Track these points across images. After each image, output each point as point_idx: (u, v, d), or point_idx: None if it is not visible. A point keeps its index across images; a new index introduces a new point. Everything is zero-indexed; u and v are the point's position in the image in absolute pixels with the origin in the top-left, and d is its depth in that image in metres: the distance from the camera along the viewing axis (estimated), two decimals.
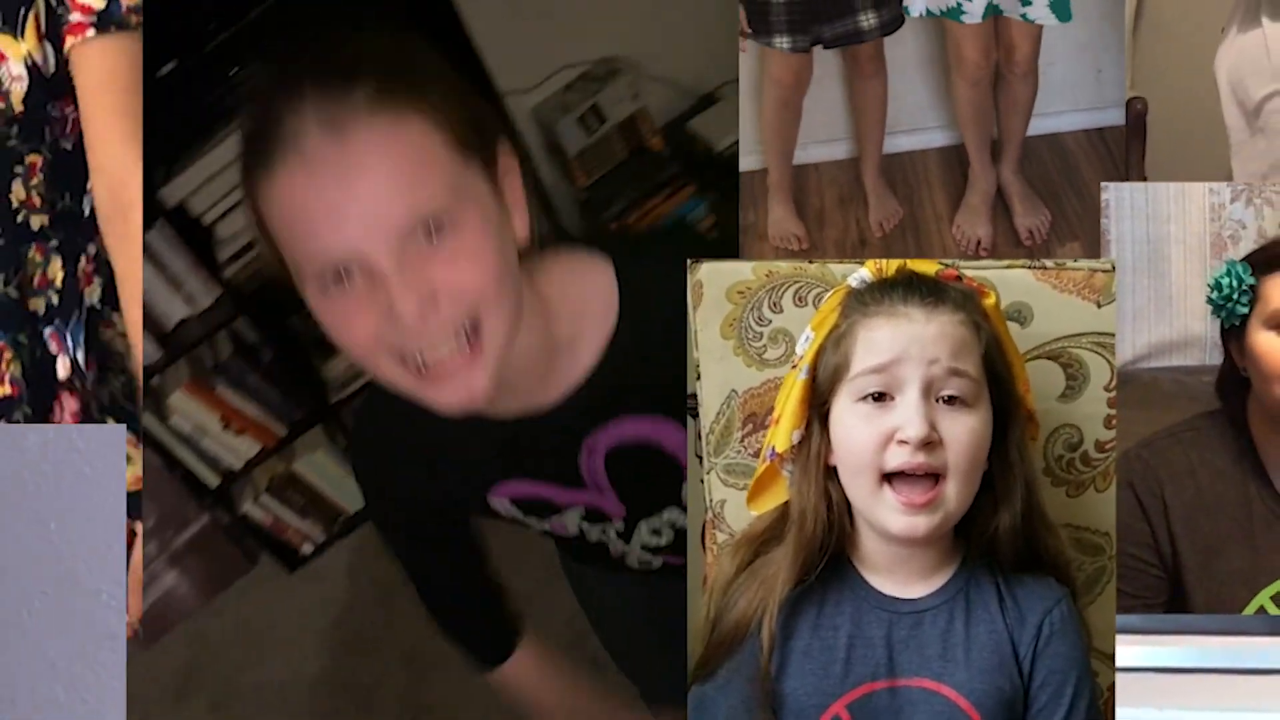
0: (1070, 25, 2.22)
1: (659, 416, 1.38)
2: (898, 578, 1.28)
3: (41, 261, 1.61)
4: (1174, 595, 1.65)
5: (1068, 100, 2.39)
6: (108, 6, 1.53)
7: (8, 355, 1.59)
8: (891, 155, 2.36)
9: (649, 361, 1.35)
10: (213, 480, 3.29)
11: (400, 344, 1.15)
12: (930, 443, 1.20)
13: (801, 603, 1.27)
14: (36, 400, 1.61)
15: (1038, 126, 2.33)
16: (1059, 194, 2.31)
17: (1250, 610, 1.62)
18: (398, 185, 1.10)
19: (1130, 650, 1.54)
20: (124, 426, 1.48)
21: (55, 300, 1.62)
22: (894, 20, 2.15)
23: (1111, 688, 1.49)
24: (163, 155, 2.48)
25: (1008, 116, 2.28)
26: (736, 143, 2.70)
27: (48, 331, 1.62)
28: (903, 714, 1.25)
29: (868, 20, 2.12)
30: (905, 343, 1.21)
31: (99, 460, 1.46)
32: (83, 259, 1.64)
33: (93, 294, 1.65)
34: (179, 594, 3.22)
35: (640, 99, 2.85)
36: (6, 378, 1.58)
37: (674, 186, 2.91)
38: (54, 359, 1.62)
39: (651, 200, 2.89)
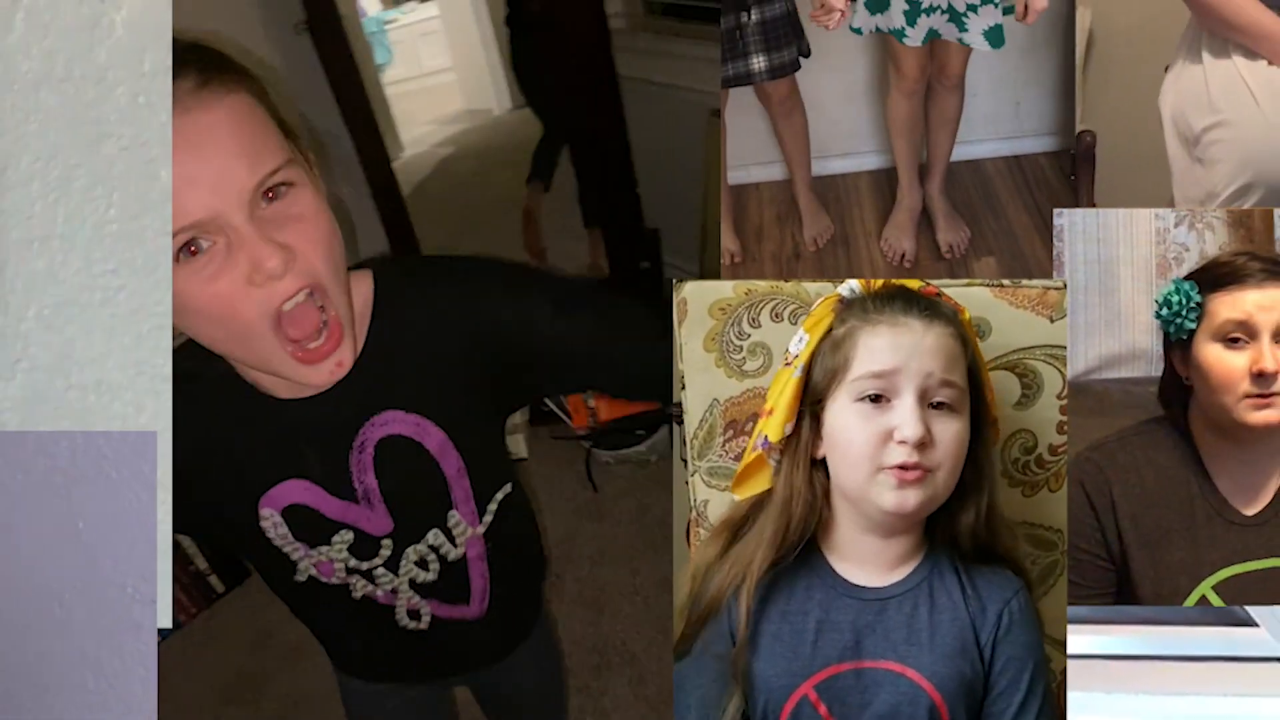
0: (991, 62, 2.27)
1: (420, 415, 1.35)
2: (866, 568, 1.28)
3: None
4: (1122, 587, 1.64)
5: (989, 130, 2.43)
6: None
7: None
8: (825, 177, 2.39)
9: (404, 360, 1.33)
10: None
11: (270, 302, 1.14)
12: (924, 443, 1.20)
13: (773, 589, 1.27)
14: None
15: (961, 153, 2.37)
16: (978, 214, 2.34)
17: (1193, 601, 1.62)
18: (240, 147, 1.11)
19: (1081, 638, 1.54)
20: (154, 433, 1.46)
21: None
22: (784, 65, 2.17)
23: (1063, 673, 1.49)
24: None
25: (937, 130, 2.31)
26: None
27: None
28: (868, 693, 1.25)
29: (758, 64, 2.15)
30: (906, 353, 1.22)
31: (124, 465, 1.43)
32: None
33: None
34: None
35: None
36: None
37: None
38: None
39: None
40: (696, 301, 1.47)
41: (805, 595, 1.28)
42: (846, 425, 1.23)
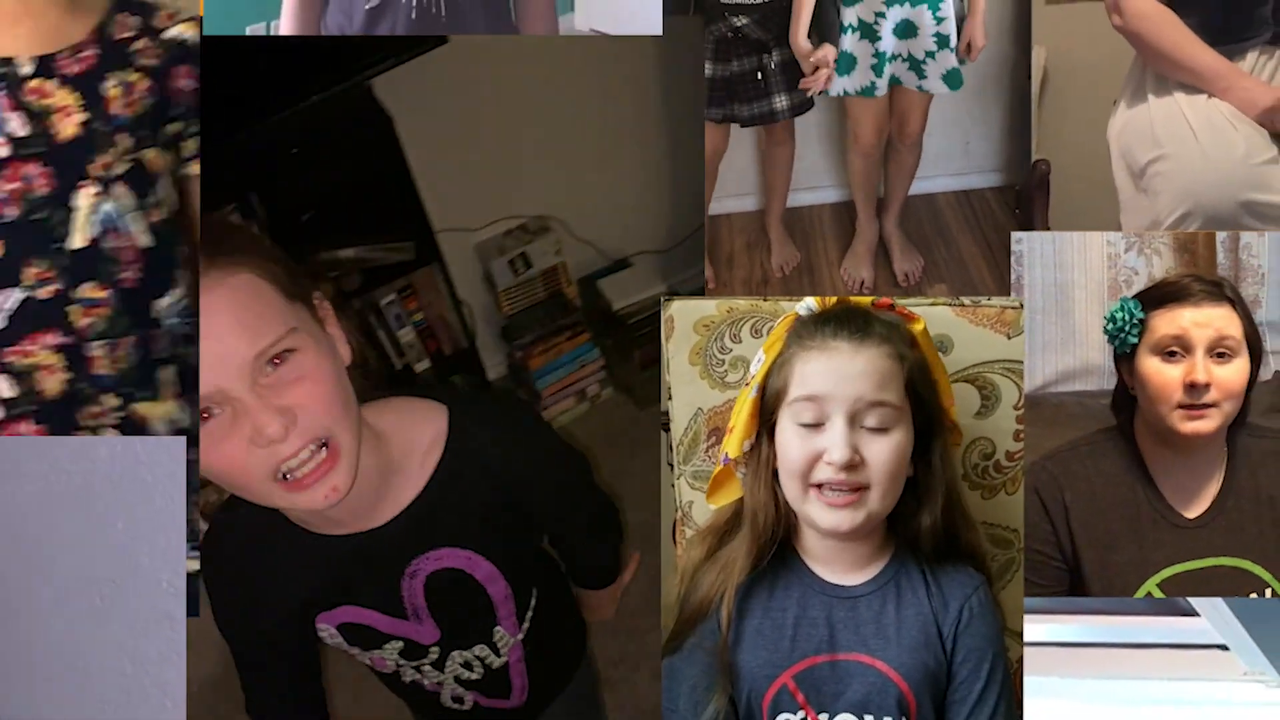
0: (943, 104, 2.29)
1: (473, 551, 1.35)
2: (837, 567, 1.28)
3: None
4: (1075, 585, 1.63)
5: (940, 167, 2.46)
6: None
7: None
8: (792, 209, 2.42)
9: (467, 498, 1.32)
10: None
11: (270, 462, 1.15)
12: (853, 465, 1.20)
13: (754, 588, 1.27)
14: None
15: (915, 188, 2.39)
16: (930, 244, 2.37)
17: (1139, 596, 1.62)
18: (240, 325, 1.12)
19: (1037, 627, 1.55)
20: (183, 439, 1.46)
21: None
22: (804, 104, 2.22)
23: (1020, 660, 1.49)
24: None
25: (894, 180, 2.35)
26: (634, 304, 2.92)
27: None
28: (841, 684, 1.25)
29: (781, 103, 2.19)
30: (835, 378, 1.21)
31: (158, 468, 1.47)
32: None
33: None
34: None
35: (562, 255, 3.01)
36: None
37: (575, 330, 3.05)
38: None
39: (557, 338, 3.03)
40: (683, 318, 1.48)
41: (784, 593, 1.28)
42: (786, 445, 1.23)
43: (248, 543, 1.32)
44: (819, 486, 1.21)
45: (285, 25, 1.82)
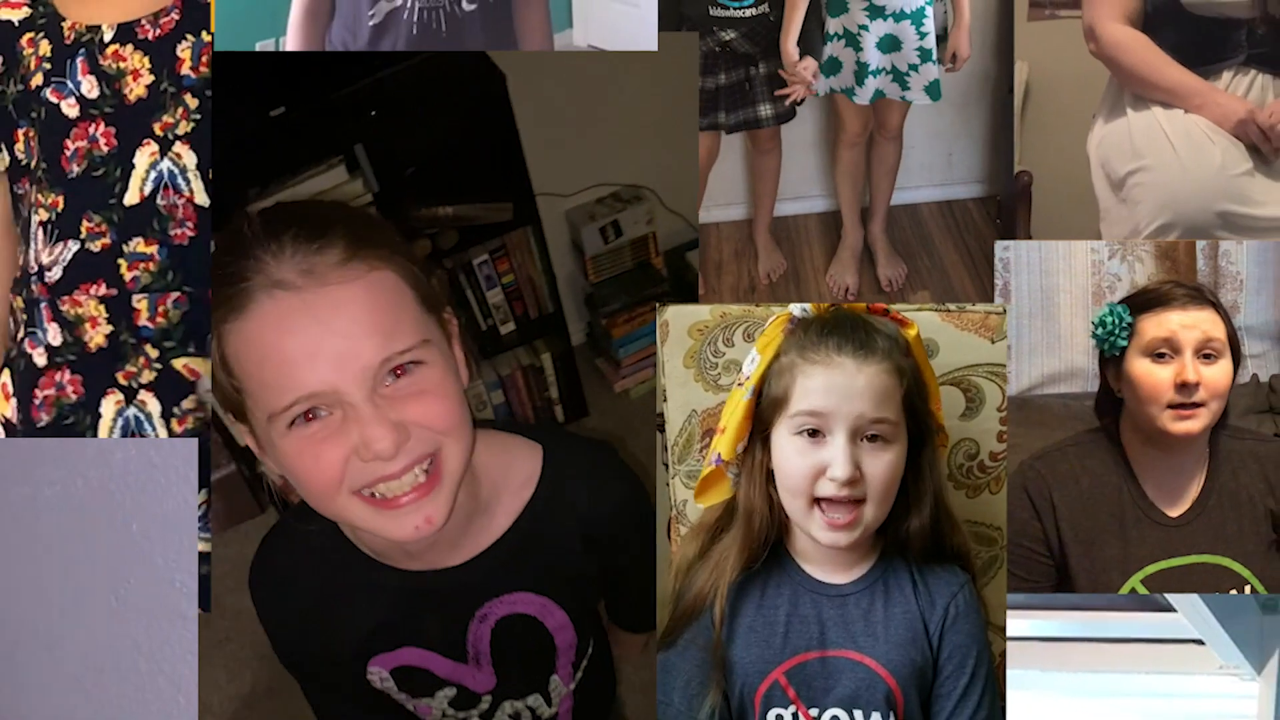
0: (927, 118, 2.32)
1: (549, 599, 1.26)
2: (827, 567, 1.28)
3: None
4: (1061, 580, 1.63)
5: (924, 178, 2.48)
6: None
7: None
8: (779, 218, 2.43)
9: (552, 543, 1.25)
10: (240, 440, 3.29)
11: (368, 478, 1.05)
12: (853, 480, 1.20)
13: (747, 586, 1.28)
14: None
15: (900, 198, 2.40)
16: (914, 253, 2.38)
17: (1123, 592, 1.62)
18: (373, 326, 1.03)
19: (1020, 623, 1.56)
20: (195, 441, 1.46)
21: None
22: (788, 113, 2.26)
23: (1003, 654, 1.49)
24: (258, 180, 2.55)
25: (878, 176, 2.36)
26: None
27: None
28: (831, 679, 1.26)
29: (766, 110, 2.23)
30: (838, 396, 1.20)
31: (172, 471, 1.47)
32: None
33: None
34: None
35: (653, 225, 3.00)
36: None
37: (660, 301, 3.01)
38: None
39: (641, 308, 3.02)
40: (677, 323, 1.49)
41: (776, 591, 1.28)
42: (786, 456, 1.22)
43: (309, 568, 1.23)
44: (819, 503, 1.21)
45: (291, 41, 1.84)
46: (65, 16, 1.47)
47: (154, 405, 1.47)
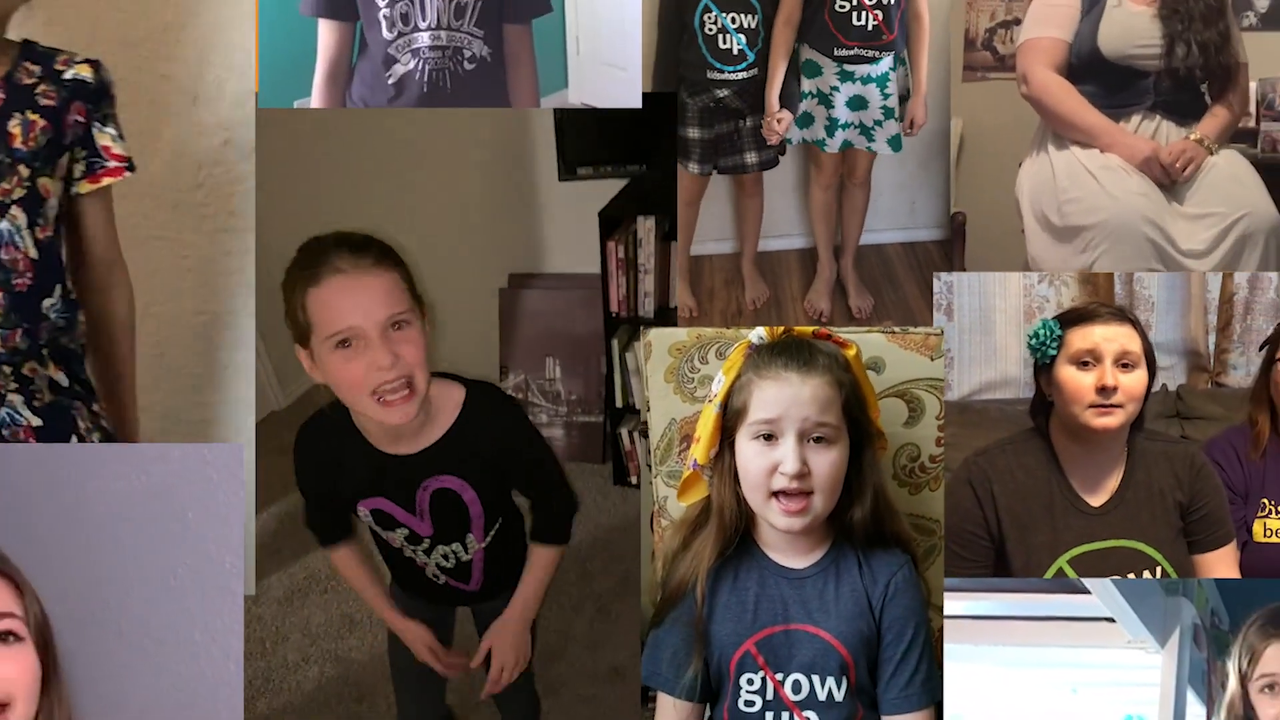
0: (893, 171, 2.38)
1: (465, 481, 1.60)
2: (789, 554, 1.33)
3: None
4: (999, 561, 1.65)
5: (890, 223, 2.54)
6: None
7: None
8: (763, 252, 2.49)
9: (469, 448, 1.59)
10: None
11: (374, 382, 1.45)
12: (802, 474, 1.25)
13: (722, 571, 1.33)
14: None
15: (869, 239, 2.46)
16: (880, 287, 2.44)
17: (1051, 573, 1.63)
18: (385, 299, 1.45)
19: (956, 603, 1.57)
20: (241, 445, 1.52)
21: None
22: (770, 161, 2.33)
23: (941, 630, 1.53)
24: None
25: (848, 217, 2.41)
26: None
27: None
28: (794, 649, 1.31)
29: (751, 158, 2.31)
30: (786, 404, 1.25)
31: (222, 469, 1.50)
32: None
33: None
34: None
35: None
36: None
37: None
38: None
39: None
40: (659, 344, 1.53)
41: (747, 575, 1.33)
42: (747, 458, 1.28)
43: (327, 443, 1.60)
44: (776, 495, 1.26)
45: (315, 99, 1.88)
46: None
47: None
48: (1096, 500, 1.64)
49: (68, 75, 1.58)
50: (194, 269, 2.06)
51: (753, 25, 2.16)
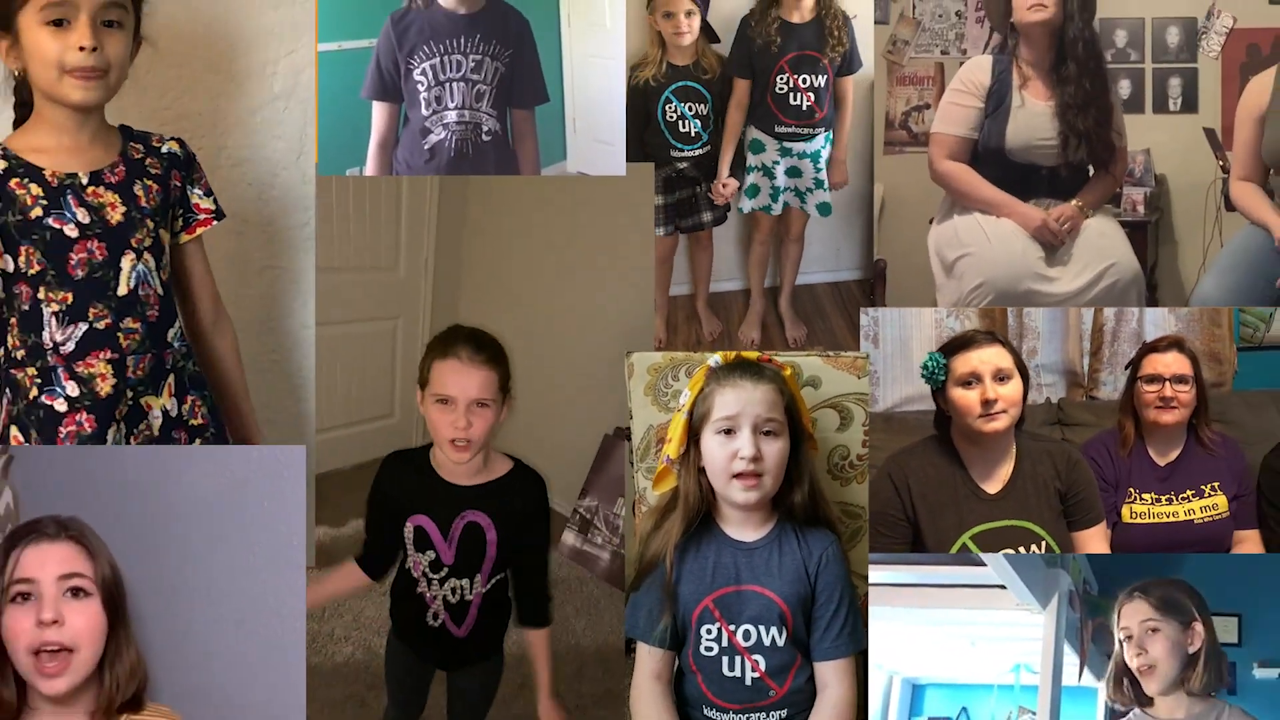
0: (823, 224, 2.45)
1: (492, 522, 1.67)
2: (741, 529, 1.42)
3: None
4: (916, 539, 1.70)
5: (820, 266, 2.57)
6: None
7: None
8: (715, 293, 2.54)
9: (503, 500, 1.68)
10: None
11: (452, 433, 1.61)
12: (756, 459, 1.35)
13: (687, 545, 1.41)
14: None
15: (802, 279, 2.51)
16: (811, 319, 2.50)
17: (956, 548, 1.68)
18: (480, 388, 1.62)
19: (879, 573, 1.63)
20: (302, 448, 1.56)
21: None
22: (720, 218, 2.43)
23: (866, 595, 1.59)
24: None
25: (786, 267, 2.49)
26: None
27: None
28: (744, 605, 1.39)
29: (707, 217, 2.41)
30: (743, 403, 1.36)
31: (283, 468, 1.53)
32: None
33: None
34: None
35: None
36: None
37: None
38: None
39: None
40: (640, 365, 1.61)
41: (707, 547, 1.41)
42: (712, 450, 1.37)
43: (403, 470, 1.71)
44: (735, 477, 1.35)
45: (369, 167, 2.03)
46: (42, 167, 1.59)
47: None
48: (992, 489, 1.70)
49: (164, 149, 1.71)
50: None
51: (705, 112, 2.31)
